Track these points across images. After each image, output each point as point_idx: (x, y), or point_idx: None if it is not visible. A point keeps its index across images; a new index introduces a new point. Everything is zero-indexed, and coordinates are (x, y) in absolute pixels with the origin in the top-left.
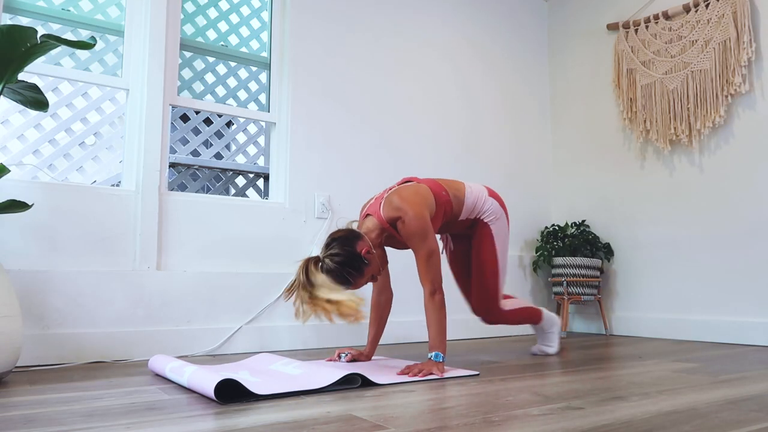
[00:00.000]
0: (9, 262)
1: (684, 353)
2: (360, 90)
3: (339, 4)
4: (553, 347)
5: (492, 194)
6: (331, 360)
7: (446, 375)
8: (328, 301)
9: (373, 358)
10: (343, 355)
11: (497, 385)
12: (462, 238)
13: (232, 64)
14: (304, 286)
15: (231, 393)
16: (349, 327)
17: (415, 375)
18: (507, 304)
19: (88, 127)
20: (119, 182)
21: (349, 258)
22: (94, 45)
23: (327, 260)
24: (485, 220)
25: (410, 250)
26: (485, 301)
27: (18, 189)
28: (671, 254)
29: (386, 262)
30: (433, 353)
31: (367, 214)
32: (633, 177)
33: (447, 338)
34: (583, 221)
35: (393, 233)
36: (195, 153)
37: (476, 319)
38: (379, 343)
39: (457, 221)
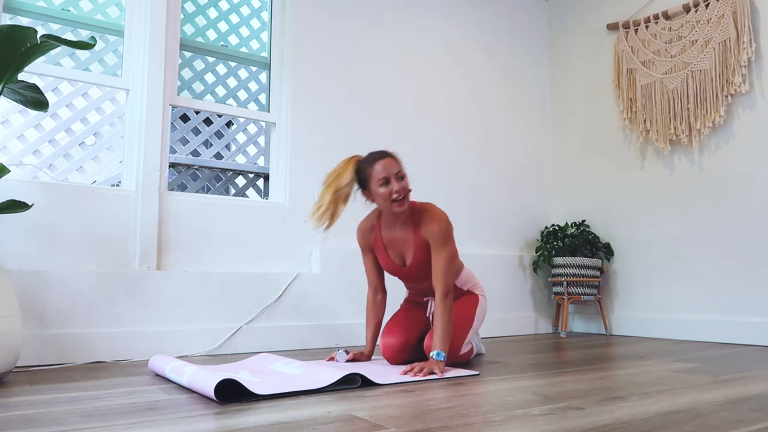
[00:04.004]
0: (9, 262)
1: (684, 353)
2: (360, 90)
3: (339, 3)
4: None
5: None
6: (330, 359)
7: (446, 375)
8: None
9: (372, 357)
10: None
11: (497, 385)
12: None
13: (232, 64)
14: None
15: (231, 393)
16: (348, 327)
17: (416, 374)
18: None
19: (88, 127)
20: (119, 182)
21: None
22: (94, 45)
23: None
24: (476, 292)
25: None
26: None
27: (18, 189)
28: (671, 254)
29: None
30: (435, 351)
31: None
32: (633, 177)
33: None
34: (583, 221)
35: (404, 215)
36: (195, 153)
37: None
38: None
39: None
